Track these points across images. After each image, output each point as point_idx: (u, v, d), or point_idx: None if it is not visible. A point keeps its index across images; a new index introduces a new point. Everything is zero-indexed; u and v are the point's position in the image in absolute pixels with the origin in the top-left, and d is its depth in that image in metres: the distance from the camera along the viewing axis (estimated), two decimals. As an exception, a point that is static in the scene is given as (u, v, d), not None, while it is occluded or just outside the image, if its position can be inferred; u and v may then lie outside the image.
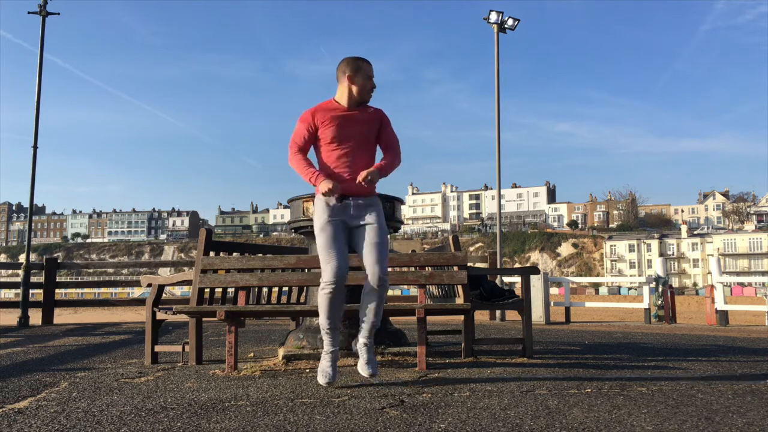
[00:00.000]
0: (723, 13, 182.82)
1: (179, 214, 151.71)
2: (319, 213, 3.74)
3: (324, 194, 3.62)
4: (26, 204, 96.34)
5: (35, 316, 10.33)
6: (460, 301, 4.85)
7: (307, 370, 4.29)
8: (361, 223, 3.73)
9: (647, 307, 11.15)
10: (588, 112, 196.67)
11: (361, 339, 3.76)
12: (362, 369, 3.72)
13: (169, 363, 4.92)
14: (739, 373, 4.27)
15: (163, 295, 5.54)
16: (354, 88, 3.77)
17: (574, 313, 13.78)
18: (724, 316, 10.45)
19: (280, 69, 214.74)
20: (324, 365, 3.69)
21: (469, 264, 5.60)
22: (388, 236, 3.84)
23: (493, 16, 14.63)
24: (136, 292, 34.04)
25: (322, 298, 3.66)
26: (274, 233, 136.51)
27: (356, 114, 3.80)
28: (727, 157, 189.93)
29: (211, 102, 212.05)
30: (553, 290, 42.28)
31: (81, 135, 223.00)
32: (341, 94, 3.81)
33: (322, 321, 3.71)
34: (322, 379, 3.65)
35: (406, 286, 4.70)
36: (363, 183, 3.64)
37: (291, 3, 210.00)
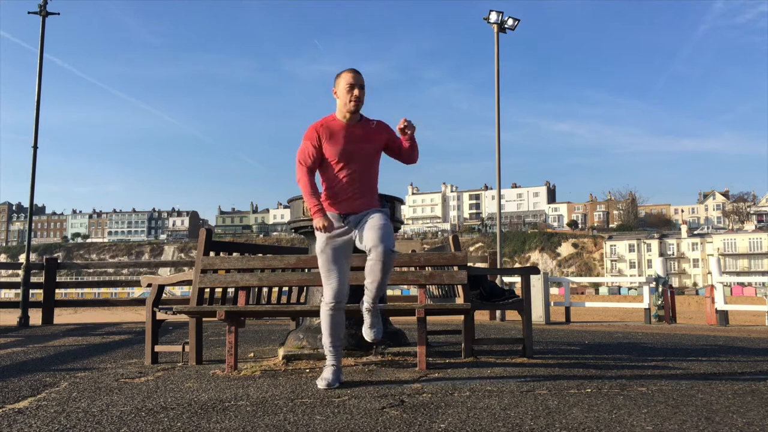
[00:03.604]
0: (722, 13, 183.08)
1: (179, 214, 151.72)
2: (319, 233, 3.70)
3: (317, 229, 3.60)
4: (26, 204, 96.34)
5: (35, 316, 10.33)
6: (460, 301, 4.85)
7: (307, 370, 4.29)
8: (362, 224, 3.71)
9: (647, 307, 11.15)
10: (588, 112, 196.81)
11: (366, 304, 3.75)
12: (366, 333, 3.74)
13: (169, 363, 4.92)
14: (739, 373, 4.27)
15: (163, 295, 5.54)
16: (338, 102, 3.75)
17: (574, 313, 13.78)
18: (724, 316, 10.45)
19: (280, 69, 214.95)
20: (327, 374, 3.71)
21: (469, 264, 5.60)
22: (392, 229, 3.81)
23: (493, 16, 14.63)
24: (136, 292, 33.98)
25: (323, 316, 3.74)
26: (274, 233, 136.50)
27: (358, 130, 3.74)
28: (727, 157, 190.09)
29: (211, 102, 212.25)
30: (553, 290, 42.28)
31: (81, 135, 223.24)
32: (338, 109, 3.78)
33: (325, 339, 3.78)
34: (321, 384, 3.67)
35: (406, 286, 4.70)
36: (403, 128, 3.61)
37: (290, 3, 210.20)
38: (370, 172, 3.79)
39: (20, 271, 10.31)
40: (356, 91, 3.68)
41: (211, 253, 5.12)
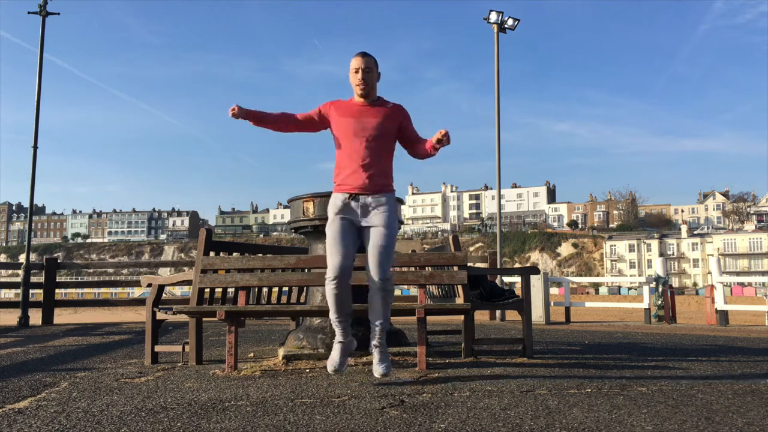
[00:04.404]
0: (722, 13, 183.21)
1: (179, 214, 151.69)
2: (329, 211, 3.81)
3: (231, 114, 3.76)
4: (26, 204, 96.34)
5: (35, 316, 10.33)
6: (460, 301, 4.85)
7: (307, 370, 4.29)
8: (368, 224, 3.74)
9: (647, 307, 11.15)
10: (588, 112, 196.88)
11: (373, 341, 3.81)
12: (375, 370, 3.77)
13: (169, 363, 4.92)
14: (739, 373, 4.27)
15: (163, 295, 5.54)
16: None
17: (574, 313, 13.78)
18: (724, 316, 10.45)
19: (280, 69, 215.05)
20: (334, 355, 3.73)
21: (469, 264, 5.59)
22: (396, 235, 3.84)
23: (493, 16, 14.63)
24: (136, 292, 33.97)
25: (328, 291, 3.70)
26: (274, 233, 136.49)
27: (371, 108, 3.82)
28: (727, 157, 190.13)
29: (211, 102, 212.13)
30: (553, 290, 42.28)
31: (81, 135, 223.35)
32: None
33: (332, 314, 3.75)
34: (330, 367, 3.70)
35: (406, 286, 4.71)
36: (440, 138, 3.61)
37: (290, 3, 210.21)
38: (381, 150, 3.79)
39: (20, 271, 10.31)
40: (360, 74, 3.77)
41: (211, 253, 5.13)
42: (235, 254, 5.32)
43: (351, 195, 3.74)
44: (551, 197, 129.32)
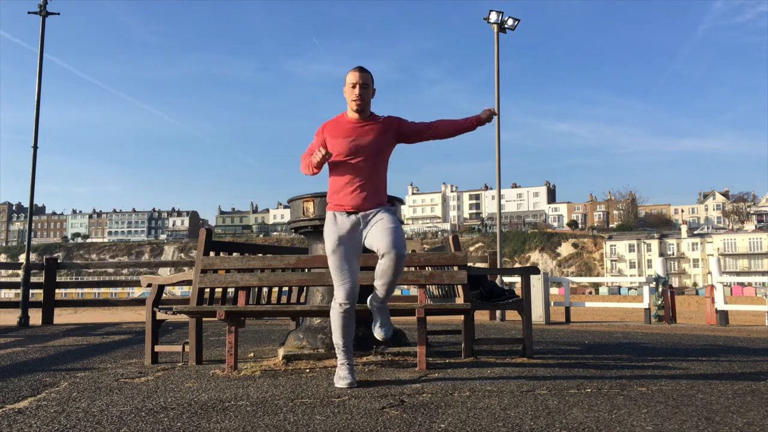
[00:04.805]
0: (722, 13, 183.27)
1: (179, 214, 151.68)
2: (328, 231, 3.73)
3: (318, 161, 3.60)
4: (26, 204, 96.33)
5: (35, 316, 10.33)
6: (460, 301, 4.85)
7: (307, 370, 4.29)
8: (371, 226, 3.71)
9: (647, 307, 11.15)
10: (588, 112, 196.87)
11: (376, 303, 3.76)
12: (376, 332, 3.76)
13: (169, 363, 4.92)
14: (739, 373, 4.27)
15: (163, 295, 5.54)
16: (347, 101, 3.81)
17: (574, 313, 13.78)
18: (724, 316, 10.45)
19: (280, 68, 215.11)
20: (342, 372, 3.69)
21: (469, 264, 5.60)
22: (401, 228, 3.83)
23: (493, 16, 14.64)
24: (136, 292, 33.96)
25: (335, 317, 3.69)
26: (274, 233, 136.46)
27: (364, 125, 3.77)
28: (727, 157, 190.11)
29: (211, 102, 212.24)
30: (553, 290, 42.26)
31: (80, 135, 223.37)
32: (348, 108, 3.85)
33: (336, 339, 3.73)
34: (342, 383, 3.64)
35: (406, 286, 4.71)
36: (489, 116, 3.83)
37: (290, 3, 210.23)
38: (377, 168, 3.77)
39: (20, 271, 10.31)
40: (357, 90, 3.72)
41: (211, 253, 5.13)
42: (235, 254, 5.32)
43: (348, 213, 3.72)
44: (551, 197, 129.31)
